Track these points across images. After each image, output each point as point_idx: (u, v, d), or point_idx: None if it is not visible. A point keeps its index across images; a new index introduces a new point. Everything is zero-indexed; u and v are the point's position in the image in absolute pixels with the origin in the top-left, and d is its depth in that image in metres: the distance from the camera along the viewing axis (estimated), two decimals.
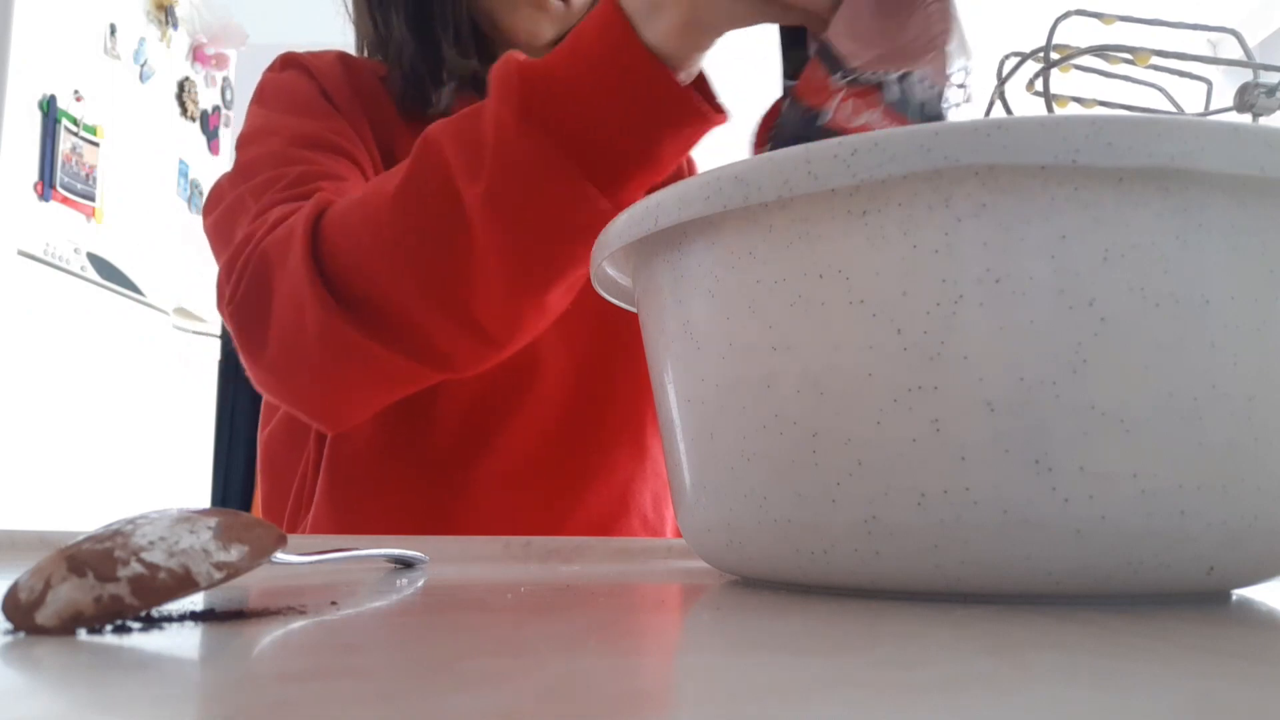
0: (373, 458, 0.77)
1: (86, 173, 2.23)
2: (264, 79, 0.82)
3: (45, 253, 2.10)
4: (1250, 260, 0.31)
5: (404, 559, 0.48)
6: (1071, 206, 0.30)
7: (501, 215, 0.55)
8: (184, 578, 0.26)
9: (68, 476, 2.19)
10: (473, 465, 0.77)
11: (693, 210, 0.35)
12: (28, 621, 0.24)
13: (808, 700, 0.17)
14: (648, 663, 0.22)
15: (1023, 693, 0.18)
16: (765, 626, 0.27)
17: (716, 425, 0.37)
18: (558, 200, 0.54)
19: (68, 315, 2.19)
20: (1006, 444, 0.30)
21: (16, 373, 2.03)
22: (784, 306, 0.34)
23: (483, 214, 0.55)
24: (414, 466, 0.77)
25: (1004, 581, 0.32)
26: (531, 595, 0.35)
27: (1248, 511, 0.31)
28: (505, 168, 0.55)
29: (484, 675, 0.19)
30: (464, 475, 0.77)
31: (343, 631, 0.26)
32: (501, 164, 0.54)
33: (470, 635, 0.25)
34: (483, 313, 0.59)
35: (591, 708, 0.16)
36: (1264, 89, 0.42)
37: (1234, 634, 0.27)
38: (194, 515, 0.28)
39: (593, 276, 0.47)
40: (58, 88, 2.14)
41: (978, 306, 0.31)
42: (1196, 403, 0.30)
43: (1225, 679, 0.20)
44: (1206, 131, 0.29)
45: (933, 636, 0.25)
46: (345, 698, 0.17)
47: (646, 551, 0.60)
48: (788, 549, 0.35)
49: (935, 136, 0.30)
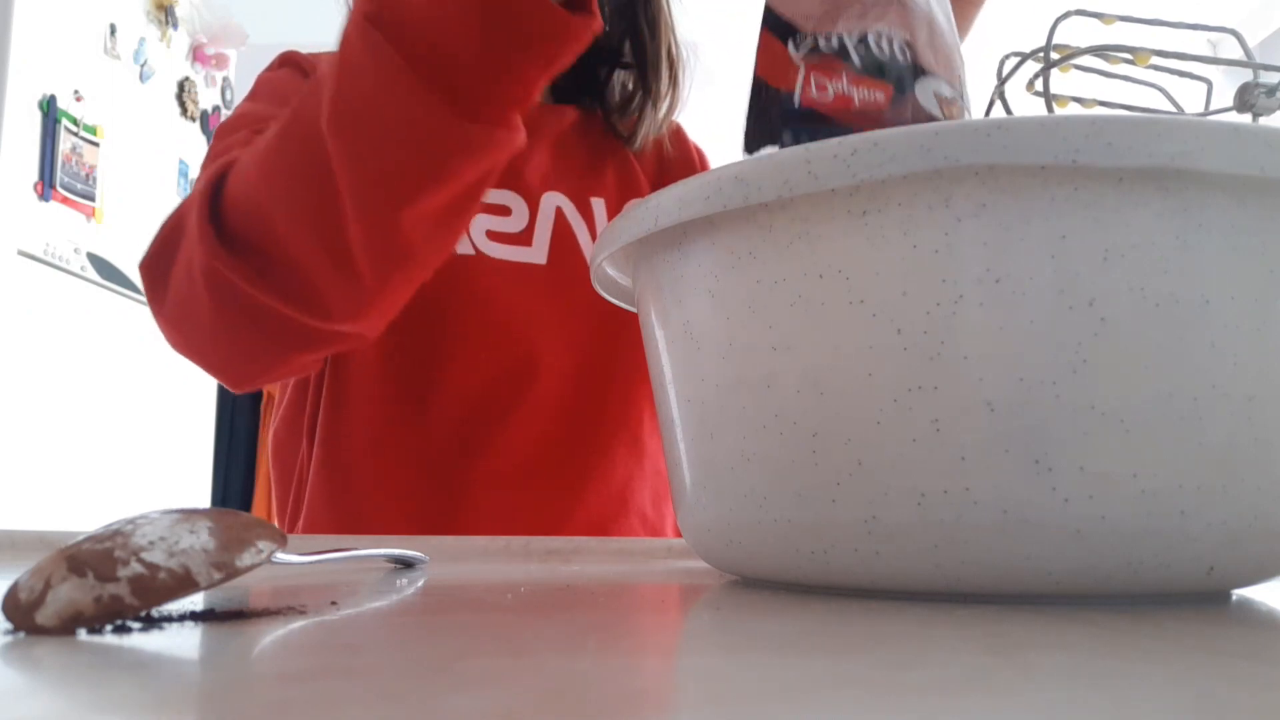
0: (368, 456, 0.76)
1: (86, 173, 2.23)
2: (259, 76, 0.81)
3: (45, 253, 2.10)
4: (1250, 260, 0.31)
5: (404, 559, 0.48)
6: (1071, 206, 0.30)
7: (343, 127, 0.52)
8: (184, 578, 0.26)
9: (68, 476, 2.19)
10: (471, 465, 0.76)
11: (693, 210, 0.35)
12: (28, 621, 0.24)
13: (808, 700, 0.17)
14: (648, 663, 0.22)
15: (1023, 693, 0.18)
16: (765, 626, 0.27)
17: (716, 425, 0.37)
18: (396, 109, 0.50)
19: (68, 315, 2.19)
20: (1006, 444, 0.30)
21: (16, 373, 2.03)
22: (784, 306, 0.34)
23: (329, 128, 0.52)
24: (411, 466, 0.76)
25: (1004, 581, 0.32)
26: (531, 595, 0.35)
27: (1248, 511, 0.31)
28: (345, 76, 0.52)
29: (484, 675, 0.19)
30: (462, 475, 0.76)
31: (343, 631, 0.26)
32: (342, 72, 0.52)
33: (470, 635, 0.25)
34: (346, 241, 0.55)
35: (591, 708, 0.16)
36: (1264, 89, 0.42)
37: (1234, 634, 0.27)
38: (194, 515, 0.28)
39: (593, 276, 0.47)
40: (58, 88, 2.14)
41: (978, 306, 0.31)
42: (1196, 403, 0.30)
43: (1225, 679, 0.20)
44: (1206, 131, 0.29)
45: (933, 636, 0.25)
46: (345, 698, 0.17)
47: (646, 551, 0.60)
48: (788, 549, 0.35)
49: (935, 136, 0.30)
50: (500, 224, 0.78)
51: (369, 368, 0.76)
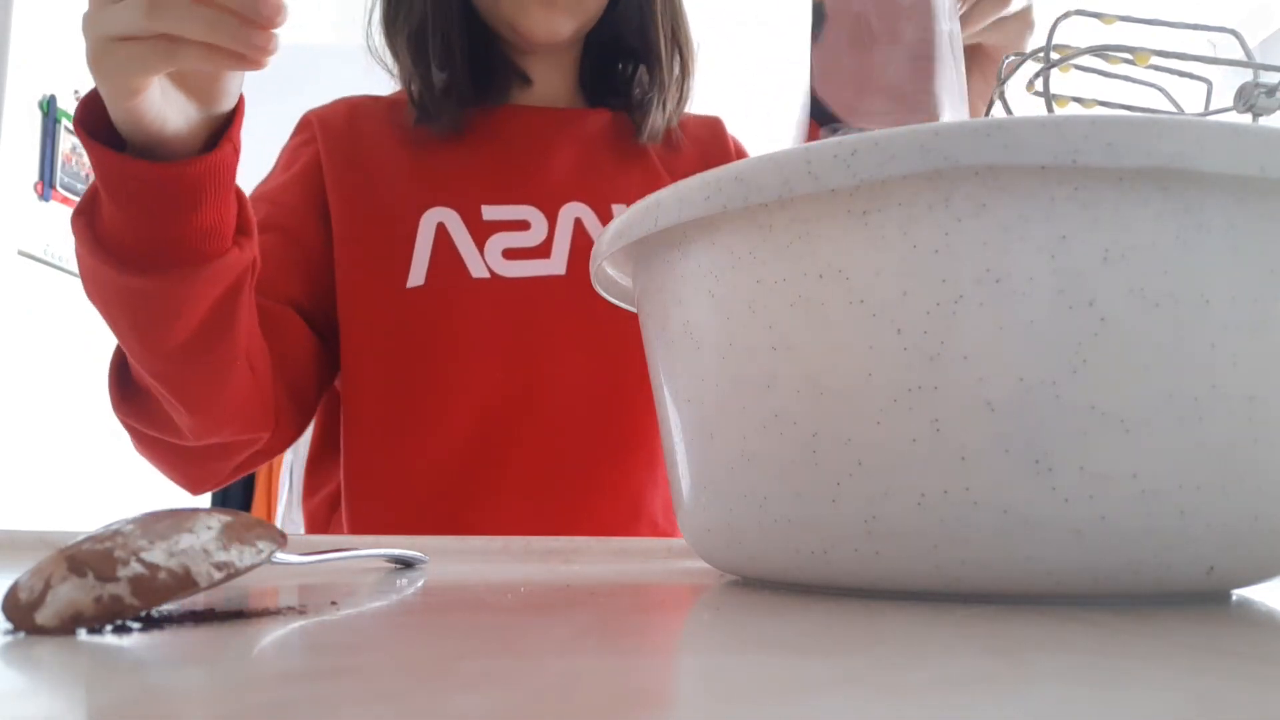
0: (386, 470, 0.78)
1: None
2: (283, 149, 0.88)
3: (45, 253, 2.10)
4: (1250, 260, 0.31)
5: (404, 559, 0.48)
6: (1071, 206, 0.30)
7: (90, 295, 0.61)
8: (184, 578, 0.26)
9: (68, 476, 2.19)
10: (484, 477, 0.77)
11: (693, 210, 0.35)
12: (28, 621, 0.24)
13: (808, 700, 0.17)
14: (648, 663, 0.22)
15: (1023, 693, 0.18)
16: (765, 626, 0.27)
17: (716, 425, 0.37)
18: (93, 275, 0.59)
19: (68, 315, 2.19)
20: (1006, 444, 0.30)
21: (16, 373, 2.03)
22: (784, 306, 0.34)
23: (87, 294, 0.61)
24: (425, 478, 0.77)
25: (1004, 581, 0.32)
26: (531, 595, 0.35)
27: (1248, 511, 0.31)
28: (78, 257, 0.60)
29: (484, 675, 0.19)
30: (475, 487, 0.77)
31: (343, 631, 0.26)
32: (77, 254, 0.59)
33: (470, 635, 0.25)
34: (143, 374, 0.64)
35: (591, 708, 0.16)
36: (1264, 89, 0.42)
37: (1234, 634, 0.27)
38: (194, 515, 0.28)
39: (593, 277, 0.47)
40: (58, 88, 2.14)
41: (977, 306, 0.31)
42: (1196, 403, 0.30)
43: (1225, 679, 0.20)
44: (1206, 131, 0.29)
45: (933, 636, 0.25)
46: (345, 698, 0.17)
47: (646, 551, 0.60)
48: (788, 549, 0.35)
49: (935, 137, 0.30)
50: (518, 239, 0.80)
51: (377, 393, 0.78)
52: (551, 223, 0.80)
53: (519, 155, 0.83)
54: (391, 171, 0.81)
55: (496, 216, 0.79)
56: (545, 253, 0.79)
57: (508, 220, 0.80)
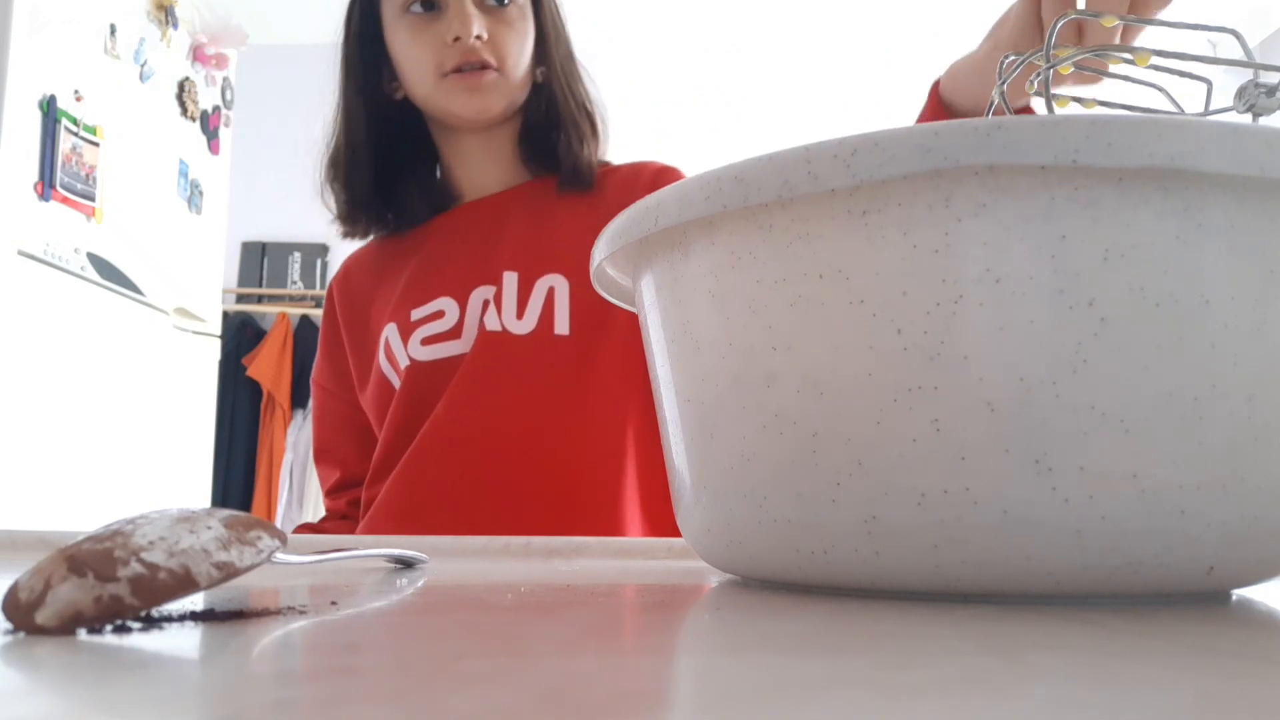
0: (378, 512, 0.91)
1: (86, 173, 2.23)
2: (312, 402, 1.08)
3: (45, 253, 2.09)
4: (1250, 260, 0.31)
5: (404, 559, 0.48)
6: (1071, 206, 0.30)
7: None
8: (184, 578, 0.26)
9: (68, 476, 2.19)
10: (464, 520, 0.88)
11: (693, 210, 0.35)
12: (28, 621, 0.24)
13: (808, 700, 0.17)
14: (647, 663, 0.22)
15: (1023, 693, 0.18)
16: (765, 626, 0.27)
17: (716, 425, 0.37)
18: None
19: (68, 315, 2.18)
20: (1006, 444, 0.30)
21: (16, 373, 2.03)
22: (784, 306, 0.34)
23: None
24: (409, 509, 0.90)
25: (1004, 581, 0.32)
26: (531, 595, 0.35)
27: (1248, 511, 0.31)
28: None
29: (484, 675, 0.19)
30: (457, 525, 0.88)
31: (343, 631, 0.26)
32: None
33: (470, 635, 0.25)
34: None
35: (591, 708, 0.16)
36: (1264, 89, 0.42)
37: (1234, 634, 0.27)
38: (194, 515, 0.28)
39: (593, 277, 0.47)
40: (58, 88, 2.14)
41: (978, 306, 0.31)
42: (1196, 403, 0.30)
43: (1225, 679, 0.20)
44: (1206, 131, 0.29)
45: (933, 636, 0.25)
46: (345, 698, 0.17)
47: (646, 551, 0.60)
48: (788, 549, 0.35)
49: (935, 136, 0.30)
50: (433, 328, 0.94)
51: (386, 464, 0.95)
52: (463, 307, 0.94)
53: (452, 249, 0.97)
54: (377, 311, 0.99)
55: (420, 315, 0.95)
56: (457, 334, 0.93)
57: (427, 315, 0.95)
